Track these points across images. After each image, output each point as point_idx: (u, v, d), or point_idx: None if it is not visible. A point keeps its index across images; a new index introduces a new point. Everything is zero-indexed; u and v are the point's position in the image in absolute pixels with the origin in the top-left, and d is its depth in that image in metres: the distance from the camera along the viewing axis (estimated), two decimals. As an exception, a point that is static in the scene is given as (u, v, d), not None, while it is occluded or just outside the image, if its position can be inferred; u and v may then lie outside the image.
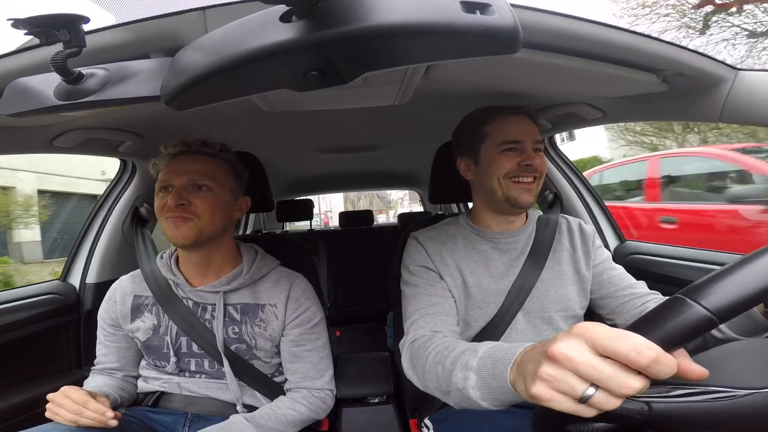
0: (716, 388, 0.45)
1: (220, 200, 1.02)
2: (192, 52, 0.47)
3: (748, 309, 0.42)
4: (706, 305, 0.41)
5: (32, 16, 0.44)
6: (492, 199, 1.02)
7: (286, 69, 0.42)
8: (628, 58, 0.80)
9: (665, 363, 0.39)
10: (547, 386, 0.44)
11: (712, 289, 0.42)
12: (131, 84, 0.52)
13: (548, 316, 1.02)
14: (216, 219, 1.01)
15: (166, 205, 0.97)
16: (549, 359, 0.44)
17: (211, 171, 1.02)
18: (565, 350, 0.43)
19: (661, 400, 0.45)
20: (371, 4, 0.38)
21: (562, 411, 0.44)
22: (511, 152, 0.98)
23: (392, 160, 2.38)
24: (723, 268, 0.44)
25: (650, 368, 0.39)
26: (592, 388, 0.42)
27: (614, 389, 0.41)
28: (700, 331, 0.42)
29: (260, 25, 0.41)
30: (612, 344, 0.41)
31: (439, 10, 0.38)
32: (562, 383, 0.43)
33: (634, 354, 0.39)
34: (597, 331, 0.42)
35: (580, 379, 0.42)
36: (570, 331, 0.45)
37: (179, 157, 1.01)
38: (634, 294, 1.01)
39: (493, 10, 0.39)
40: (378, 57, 0.42)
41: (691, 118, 0.97)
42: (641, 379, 0.41)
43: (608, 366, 0.41)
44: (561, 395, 0.44)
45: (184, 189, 0.98)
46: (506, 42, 0.40)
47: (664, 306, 0.44)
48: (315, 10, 0.38)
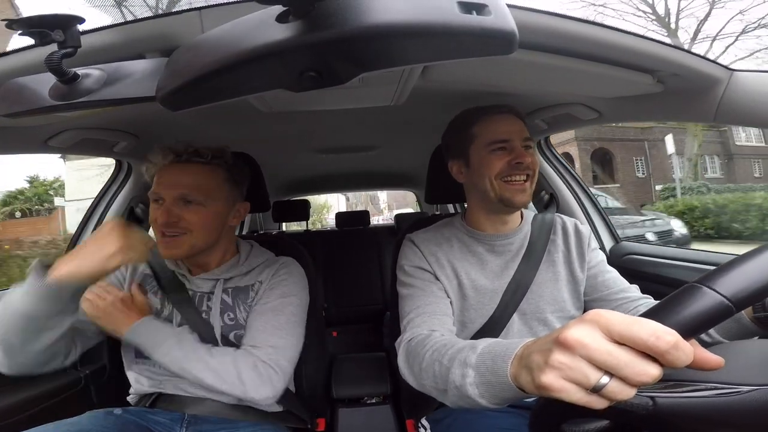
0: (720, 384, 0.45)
1: (212, 212, 1.01)
2: (188, 52, 0.47)
3: (765, 298, 0.42)
4: (723, 293, 0.41)
5: (27, 17, 0.43)
6: (486, 200, 1.02)
7: (283, 69, 0.42)
8: (624, 58, 0.80)
9: (683, 350, 0.38)
10: (558, 375, 0.43)
11: (729, 277, 0.42)
12: (127, 84, 0.51)
13: (544, 317, 1.02)
14: (208, 233, 1.01)
15: (157, 219, 0.97)
16: (561, 346, 0.43)
17: (202, 182, 1.00)
18: (578, 336, 0.42)
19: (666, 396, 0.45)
20: (368, 4, 0.38)
21: (573, 402, 0.42)
22: (501, 152, 0.98)
23: (389, 160, 2.38)
24: (739, 256, 0.44)
25: (669, 354, 0.38)
26: (606, 377, 0.40)
27: (630, 377, 0.40)
28: (718, 319, 0.41)
29: (257, 25, 0.41)
30: (630, 329, 0.40)
31: (436, 10, 0.38)
32: (576, 371, 0.41)
33: (653, 339, 0.38)
34: (612, 316, 0.41)
35: (594, 368, 0.41)
36: (583, 317, 0.43)
37: (170, 167, 1.00)
38: (627, 298, 1.01)
39: (490, 11, 0.39)
40: (375, 57, 0.42)
41: (686, 118, 0.98)
42: (658, 367, 0.39)
43: (624, 352, 0.40)
44: (572, 385, 0.42)
45: (173, 205, 0.97)
46: (503, 43, 0.40)
47: (680, 294, 0.44)
48: (311, 11, 0.38)
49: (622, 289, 1.04)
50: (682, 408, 0.44)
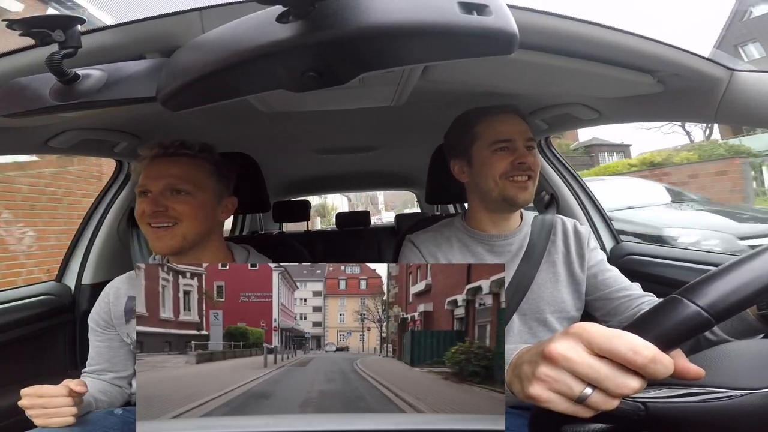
0: (712, 388, 0.45)
1: (200, 203, 0.99)
2: (188, 53, 0.47)
3: (744, 309, 0.42)
4: (702, 305, 0.42)
5: (28, 17, 0.44)
6: (488, 200, 1.02)
7: (283, 70, 0.42)
8: (624, 58, 0.80)
9: (662, 363, 0.39)
10: (545, 387, 0.44)
11: (708, 289, 0.43)
12: (127, 85, 0.51)
13: (543, 317, 1.02)
14: (198, 223, 0.99)
15: (144, 211, 0.96)
16: (546, 359, 0.44)
17: (189, 174, 0.99)
18: (562, 350, 0.43)
19: (658, 401, 0.45)
20: (368, 4, 0.38)
21: (560, 411, 0.43)
22: (504, 152, 0.99)
23: (389, 161, 2.38)
24: (719, 268, 0.45)
25: (647, 368, 0.39)
26: (589, 389, 0.42)
27: (611, 389, 0.41)
28: (697, 331, 0.42)
29: (257, 25, 0.41)
30: (609, 344, 0.41)
31: (437, 10, 0.38)
32: (560, 383, 0.43)
33: (631, 354, 0.39)
34: (594, 330, 0.42)
35: (578, 380, 0.42)
36: (567, 330, 0.45)
37: (157, 161, 0.99)
38: (628, 296, 1.01)
39: (490, 11, 0.39)
40: (375, 57, 0.42)
41: (686, 118, 0.98)
42: (638, 379, 0.41)
43: (605, 366, 0.41)
44: (558, 396, 0.43)
45: (161, 195, 0.96)
46: (503, 43, 0.40)
47: (661, 306, 0.44)
48: (311, 11, 0.38)
49: (623, 287, 1.04)
50: (673, 413, 0.45)
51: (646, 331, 0.42)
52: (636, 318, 0.46)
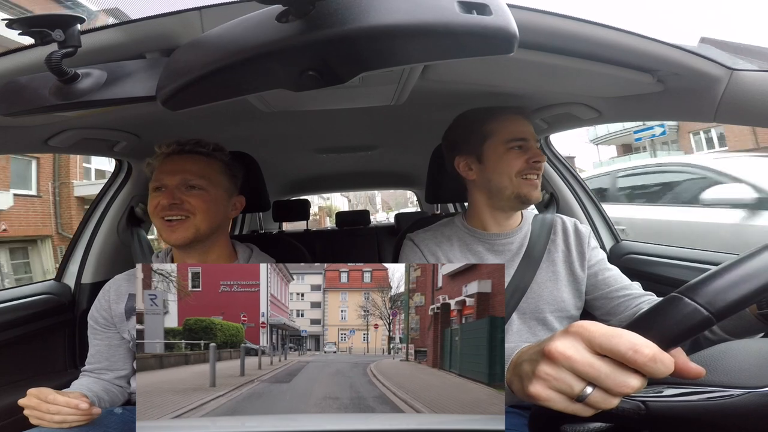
0: (712, 387, 0.45)
1: (213, 198, 1.03)
2: (188, 52, 0.47)
3: (744, 308, 0.42)
4: (703, 303, 0.42)
5: (27, 16, 0.43)
6: (498, 197, 1.02)
7: (283, 69, 0.42)
8: (624, 58, 0.80)
9: (662, 361, 0.39)
10: (545, 385, 0.44)
11: (709, 288, 0.43)
12: (127, 84, 0.51)
13: (543, 316, 1.02)
14: (211, 217, 1.02)
15: (159, 204, 0.98)
16: (546, 358, 0.44)
17: (204, 170, 1.02)
18: (562, 349, 0.43)
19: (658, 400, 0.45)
20: (368, 3, 0.38)
21: (560, 410, 0.44)
22: (518, 150, 1.00)
23: (389, 160, 2.38)
24: (719, 266, 0.45)
25: (647, 366, 0.39)
26: (589, 387, 0.42)
27: (611, 388, 0.41)
28: (697, 329, 0.42)
29: (256, 25, 0.41)
30: (609, 342, 0.41)
31: (437, 10, 0.38)
32: (560, 382, 0.43)
33: (631, 352, 0.39)
34: (594, 329, 0.42)
35: (578, 378, 0.42)
36: (567, 329, 0.45)
37: (173, 157, 1.02)
38: (629, 295, 1.01)
39: (491, 10, 0.39)
40: (375, 57, 0.42)
41: (686, 118, 0.98)
42: (638, 378, 0.41)
43: (605, 365, 0.41)
44: (558, 394, 0.43)
45: (176, 189, 0.99)
46: (503, 42, 0.40)
47: (661, 305, 0.44)
48: (311, 10, 0.38)
49: (624, 286, 1.04)
50: (674, 412, 0.45)
51: (647, 330, 0.42)
52: (636, 317, 0.46)
